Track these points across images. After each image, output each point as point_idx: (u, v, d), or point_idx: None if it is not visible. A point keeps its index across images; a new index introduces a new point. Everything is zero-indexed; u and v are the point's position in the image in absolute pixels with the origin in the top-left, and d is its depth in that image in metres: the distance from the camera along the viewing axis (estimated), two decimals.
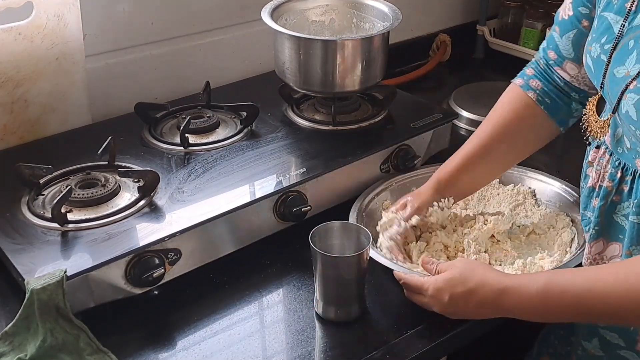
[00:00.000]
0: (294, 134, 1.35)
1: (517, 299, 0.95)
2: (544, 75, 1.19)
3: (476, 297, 0.97)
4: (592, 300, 0.91)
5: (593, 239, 1.04)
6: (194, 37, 1.57)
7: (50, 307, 0.95)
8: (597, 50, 1.00)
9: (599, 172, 1.03)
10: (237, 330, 1.04)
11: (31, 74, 1.31)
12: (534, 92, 1.18)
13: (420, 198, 1.20)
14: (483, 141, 1.20)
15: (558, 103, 1.18)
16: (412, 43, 1.93)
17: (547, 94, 1.18)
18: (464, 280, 0.98)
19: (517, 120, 1.19)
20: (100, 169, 1.21)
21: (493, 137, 1.19)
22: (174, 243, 1.07)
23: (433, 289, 1.00)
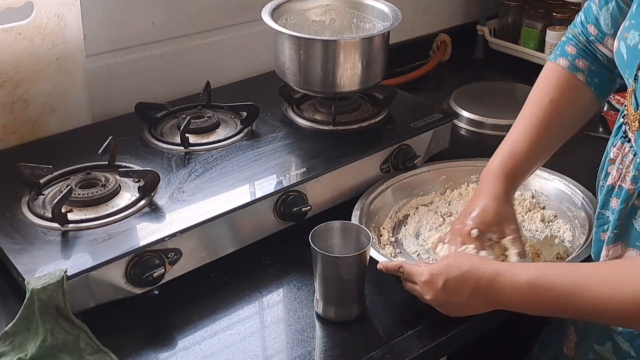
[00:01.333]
0: (294, 134, 1.35)
1: (509, 285, 0.94)
2: (588, 53, 1.14)
3: (470, 280, 0.96)
4: (579, 296, 0.90)
5: (611, 242, 1.01)
6: (194, 37, 1.57)
7: (51, 307, 0.95)
8: (635, 39, 0.94)
9: (620, 171, 1.00)
10: (237, 330, 1.04)
11: (31, 74, 1.31)
12: (582, 74, 1.13)
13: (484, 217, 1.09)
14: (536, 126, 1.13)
15: (605, 80, 1.14)
16: (412, 43, 1.93)
17: (595, 73, 1.14)
18: (459, 264, 0.98)
19: (566, 101, 1.14)
20: (100, 169, 1.21)
21: (544, 119, 1.13)
22: (174, 243, 1.07)
23: (428, 274, 0.99)
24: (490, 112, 1.63)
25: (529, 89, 1.75)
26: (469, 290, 0.97)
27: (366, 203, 1.24)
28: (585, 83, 1.14)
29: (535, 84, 1.19)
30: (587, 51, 1.15)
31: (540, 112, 1.15)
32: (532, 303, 0.95)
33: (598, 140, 1.53)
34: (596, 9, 1.10)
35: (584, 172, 1.26)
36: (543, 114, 1.14)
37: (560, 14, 1.84)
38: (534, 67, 1.84)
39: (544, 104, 1.15)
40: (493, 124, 1.61)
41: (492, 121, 1.61)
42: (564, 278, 0.92)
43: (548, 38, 1.80)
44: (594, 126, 1.59)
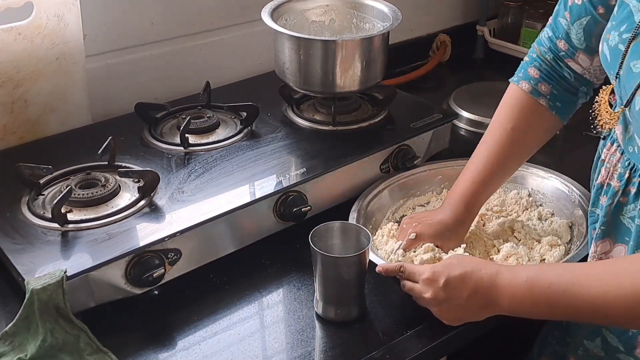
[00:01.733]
0: (294, 134, 1.35)
1: (508, 285, 0.95)
2: (552, 75, 1.15)
3: (471, 280, 0.96)
4: (576, 294, 0.90)
5: (599, 238, 1.03)
6: (194, 37, 1.57)
7: (51, 307, 0.95)
8: (615, 39, 0.95)
9: (608, 170, 1.01)
10: (237, 330, 1.04)
11: (31, 74, 1.31)
12: (545, 99, 1.15)
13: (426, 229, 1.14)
14: (497, 153, 1.16)
15: (567, 103, 1.16)
16: (412, 43, 1.93)
17: (557, 97, 1.15)
18: (462, 264, 0.98)
19: (528, 127, 1.16)
20: (100, 169, 1.21)
21: (505, 147, 1.16)
22: (174, 243, 1.07)
23: (430, 272, 0.99)
24: (490, 112, 1.60)
25: None
26: (469, 290, 0.97)
27: (363, 204, 1.24)
28: (548, 107, 1.15)
29: (498, 108, 1.20)
30: (552, 72, 1.16)
31: (501, 139, 1.17)
32: (531, 303, 0.95)
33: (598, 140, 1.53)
34: (567, 23, 1.10)
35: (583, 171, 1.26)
36: (504, 141, 1.17)
37: None
38: None
39: (505, 131, 1.17)
40: None
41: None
42: (561, 277, 0.93)
43: None
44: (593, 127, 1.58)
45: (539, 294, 0.93)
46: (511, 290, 0.95)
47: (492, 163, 1.17)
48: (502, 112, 1.19)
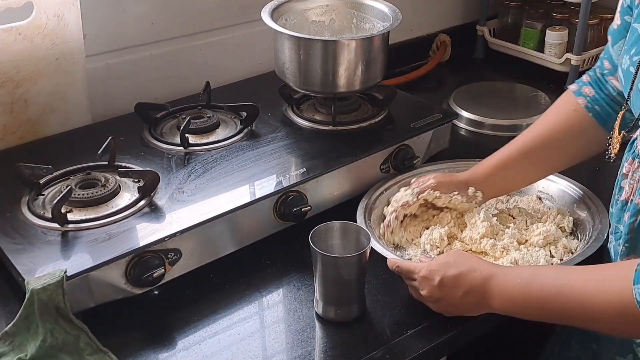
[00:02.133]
0: (294, 134, 1.35)
1: (501, 286, 0.96)
2: (598, 84, 1.18)
3: (465, 281, 0.98)
4: (567, 296, 0.91)
5: (624, 255, 1.03)
6: (194, 37, 1.57)
7: (51, 307, 0.95)
8: (627, 62, 0.99)
9: (632, 186, 1.02)
10: (237, 330, 1.04)
11: (31, 74, 1.31)
12: (584, 99, 1.17)
13: (445, 178, 1.20)
14: (525, 143, 1.19)
15: (609, 111, 1.16)
16: (412, 43, 1.93)
17: (597, 101, 1.17)
18: (458, 264, 1.00)
19: (563, 126, 1.18)
20: (100, 169, 1.21)
21: (536, 140, 1.19)
22: (174, 243, 1.07)
23: (426, 271, 1.01)
24: (490, 112, 1.64)
25: (529, 89, 1.77)
26: (463, 290, 0.99)
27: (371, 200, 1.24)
28: (585, 107, 1.17)
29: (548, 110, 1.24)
30: (599, 82, 1.19)
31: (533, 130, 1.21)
32: (523, 306, 0.96)
33: None
34: (610, 46, 1.15)
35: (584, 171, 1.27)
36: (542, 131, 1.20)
37: (560, 14, 1.84)
38: (533, 67, 1.85)
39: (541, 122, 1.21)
40: (493, 124, 1.61)
41: (491, 121, 1.61)
42: (554, 279, 0.94)
43: (548, 38, 1.80)
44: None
45: (531, 296, 0.95)
46: (504, 293, 0.97)
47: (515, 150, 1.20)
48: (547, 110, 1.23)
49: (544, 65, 1.83)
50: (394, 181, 1.30)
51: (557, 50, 1.79)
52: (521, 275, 0.96)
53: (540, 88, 1.74)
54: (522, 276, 0.96)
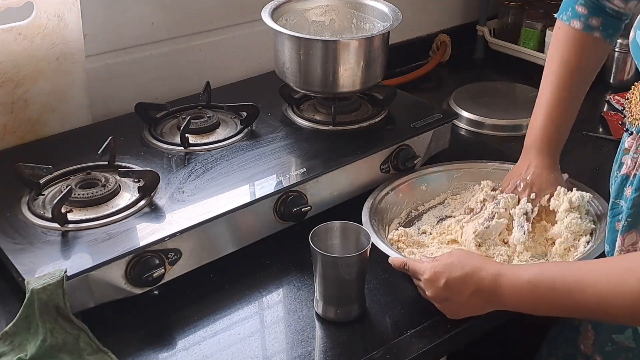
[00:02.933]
0: (294, 134, 1.35)
1: (510, 285, 0.95)
2: (598, 8, 1.19)
3: (472, 281, 0.97)
4: (582, 292, 0.90)
5: (626, 230, 1.01)
6: (194, 37, 1.57)
7: (50, 307, 0.95)
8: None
9: (635, 160, 1.01)
10: (237, 330, 1.04)
11: (31, 74, 1.31)
12: (598, 31, 1.20)
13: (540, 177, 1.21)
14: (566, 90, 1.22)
15: (616, 29, 1.21)
16: (412, 43, 1.93)
17: (608, 26, 1.19)
18: (463, 264, 0.99)
19: (588, 61, 1.22)
20: (100, 169, 1.21)
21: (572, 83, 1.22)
22: (174, 243, 1.07)
23: (430, 273, 1.00)
24: (490, 112, 1.63)
25: (529, 89, 1.77)
26: (470, 291, 0.98)
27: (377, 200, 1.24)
28: (603, 38, 1.20)
29: (552, 48, 1.25)
30: (597, 6, 1.20)
31: (567, 76, 1.22)
32: (534, 302, 0.95)
33: (598, 140, 1.53)
34: None
35: (584, 171, 1.27)
36: (570, 78, 1.22)
37: None
38: (534, 67, 1.85)
39: (569, 69, 1.22)
40: (493, 124, 1.61)
41: (492, 121, 1.61)
42: (565, 275, 0.93)
43: (548, 38, 1.80)
44: (593, 126, 1.59)
45: (542, 293, 0.94)
46: (514, 291, 0.96)
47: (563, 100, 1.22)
48: (559, 51, 1.24)
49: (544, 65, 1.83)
50: (398, 182, 1.30)
51: None
52: (529, 273, 0.95)
53: None
54: (531, 274, 0.95)
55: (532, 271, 0.96)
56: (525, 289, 0.95)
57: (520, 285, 0.95)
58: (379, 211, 1.23)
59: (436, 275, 1.00)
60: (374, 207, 1.22)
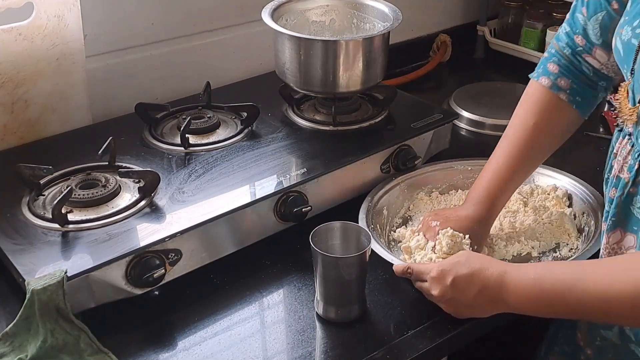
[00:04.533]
0: (294, 135, 1.34)
1: (515, 283, 0.96)
2: (571, 70, 1.15)
3: (479, 279, 0.97)
4: (583, 289, 0.91)
5: (610, 229, 1.03)
6: (195, 37, 1.57)
7: (51, 307, 0.95)
8: (628, 34, 0.96)
9: (619, 163, 1.02)
10: (237, 330, 1.04)
11: (31, 74, 1.31)
12: (565, 93, 1.15)
13: (448, 217, 1.15)
14: (520, 149, 1.16)
15: (588, 98, 1.16)
16: (413, 43, 1.93)
17: (577, 92, 1.15)
18: (469, 263, 0.99)
19: (550, 122, 1.16)
20: (100, 170, 1.21)
21: (527, 143, 1.16)
22: (175, 243, 1.07)
23: (437, 271, 1.00)
24: (491, 112, 1.63)
25: None
26: (477, 289, 0.98)
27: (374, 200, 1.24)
28: (568, 102, 1.15)
29: (518, 105, 1.20)
30: (571, 67, 1.16)
31: (523, 135, 1.16)
32: (537, 301, 0.95)
33: (598, 140, 1.53)
34: (584, 19, 1.11)
35: (585, 171, 1.27)
36: (526, 137, 1.16)
37: (560, 14, 1.83)
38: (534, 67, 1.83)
39: (527, 127, 1.16)
40: (493, 124, 1.61)
41: (492, 121, 1.61)
42: (568, 273, 0.93)
43: (548, 38, 1.80)
44: (594, 126, 1.59)
45: (546, 292, 0.94)
46: (519, 289, 0.96)
47: (515, 159, 1.16)
48: (522, 108, 1.19)
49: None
50: (396, 182, 1.30)
51: None
52: (534, 272, 0.96)
53: None
54: (535, 272, 0.95)
55: (538, 269, 0.97)
56: (529, 287, 0.95)
57: (525, 282, 0.95)
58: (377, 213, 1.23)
59: (443, 273, 1.00)
60: (370, 209, 1.22)
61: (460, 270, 0.99)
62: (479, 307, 1.00)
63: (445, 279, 0.99)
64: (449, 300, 1.01)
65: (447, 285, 0.99)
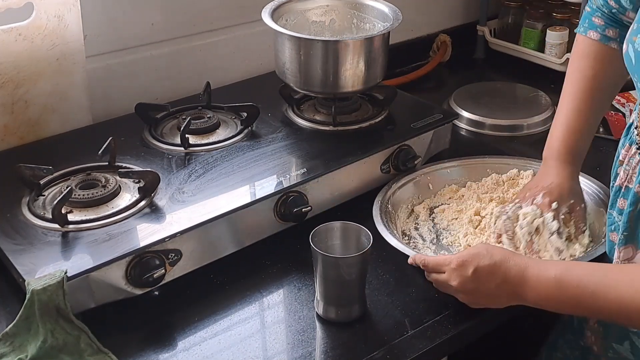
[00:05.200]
0: (294, 135, 1.34)
1: (536, 279, 0.95)
2: (615, 20, 1.17)
3: (500, 270, 0.97)
4: (605, 295, 0.90)
5: (622, 244, 1.03)
6: (195, 37, 1.57)
7: (51, 307, 0.95)
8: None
9: (627, 173, 1.02)
10: (237, 330, 1.04)
11: (31, 75, 1.31)
12: (615, 42, 1.17)
13: (561, 187, 1.17)
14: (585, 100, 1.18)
15: None
16: (413, 43, 1.93)
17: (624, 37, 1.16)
18: (491, 254, 0.99)
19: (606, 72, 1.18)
20: (100, 170, 1.21)
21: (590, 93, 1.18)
22: (175, 244, 1.07)
23: (457, 262, 1.00)
24: (491, 112, 1.63)
25: (529, 89, 1.77)
26: (498, 280, 0.98)
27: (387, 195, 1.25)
28: (619, 50, 1.15)
29: (571, 61, 1.23)
30: (614, 19, 1.17)
31: (585, 86, 1.19)
32: (558, 299, 0.95)
33: (599, 140, 1.53)
34: None
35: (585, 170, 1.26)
36: (588, 88, 1.18)
37: (560, 14, 1.84)
38: (534, 67, 1.85)
39: (587, 78, 1.19)
40: (493, 124, 1.61)
41: (492, 121, 1.61)
42: (590, 276, 0.93)
43: (548, 38, 1.80)
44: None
45: (566, 291, 0.94)
46: (539, 286, 0.96)
47: (584, 110, 1.18)
48: (577, 63, 1.21)
49: (545, 65, 1.83)
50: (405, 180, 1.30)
51: (558, 50, 1.79)
52: (555, 270, 0.95)
53: (541, 88, 1.74)
54: (556, 271, 0.95)
55: (559, 268, 0.96)
56: (550, 285, 0.95)
57: (546, 280, 0.95)
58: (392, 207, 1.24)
59: (464, 264, 0.99)
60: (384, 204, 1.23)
61: (482, 262, 0.98)
62: (497, 299, 1.00)
63: (466, 270, 0.99)
64: (469, 290, 1.01)
65: (468, 276, 0.99)
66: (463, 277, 1.00)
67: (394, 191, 1.27)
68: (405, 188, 1.29)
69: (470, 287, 1.00)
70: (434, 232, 1.23)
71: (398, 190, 1.28)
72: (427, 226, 1.25)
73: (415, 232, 1.23)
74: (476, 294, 1.01)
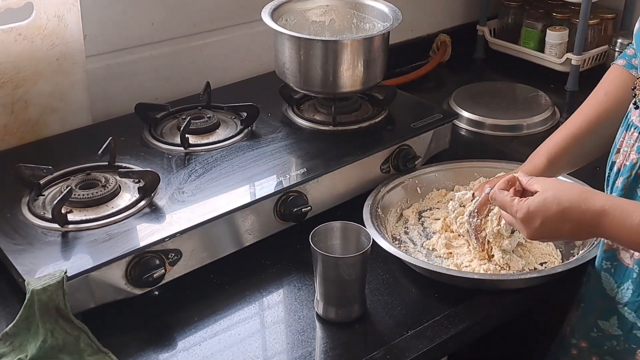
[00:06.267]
0: (294, 135, 1.34)
1: (617, 227, 0.92)
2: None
3: (571, 217, 0.94)
4: None
5: None
6: (195, 37, 1.57)
7: (51, 307, 0.95)
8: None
9: (625, 154, 1.01)
10: (237, 330, 1.04)
11: (31, 75, 1.31)
12: (636, 70, 1.15)
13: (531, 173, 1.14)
14: (589, 115, 1.17)
15: None
16: (413, 43, 1.93)
17: None
18: (558, 200, 0.95)
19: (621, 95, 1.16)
20: (100, 170, 1.21)
21: (597, 109, 1.17)
22: (175, 243, 1.07)
23: (523, 213, 0.97)
24: (490, 112, 1.64)
25: (529, 89, 1.77)
26: (570, 225, 0.95)
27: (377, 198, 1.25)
28: None
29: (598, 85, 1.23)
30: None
31: (594, 103, 1.18)
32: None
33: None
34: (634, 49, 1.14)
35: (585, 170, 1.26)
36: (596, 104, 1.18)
37: (560, 14, 1.84)
38: (534, 67, 1.85)
39: (598, 96, 1.18)
40: (493, 124, 1.61)
41: (492, 121, 1.61)
42: None
43: (548, 38, 1.80)
44: None
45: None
46: (621, 231, 0.92)
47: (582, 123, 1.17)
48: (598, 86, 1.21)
49: (545, 65, 1.83)
50: (397, 181, 1.30)
51: (558, 50, 1.79)
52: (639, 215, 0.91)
53: (541, 88, 1.74)
54: None
55: None
56: (634, 230, 0.91)
57: (630, 227, 0.91)
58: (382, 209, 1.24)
59: (531, 215, 0.96)
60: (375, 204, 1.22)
61: (550, 211, 0.95)
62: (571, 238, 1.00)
63: (534, 222, 0.96)
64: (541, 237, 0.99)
65: (537, 227, 0.96)
66: (531, 230, 0.97)
67: (382, 195, 1.26)
68: (393, 192, 1.29)
69: (540, 236, 0.98)
70: (424, 236, 1.23)
71: (387, 194, 1.27)
72: (416, 230, 1.25)
73: (405, 236, 1.23)
74: (548, 238, 1.00)
